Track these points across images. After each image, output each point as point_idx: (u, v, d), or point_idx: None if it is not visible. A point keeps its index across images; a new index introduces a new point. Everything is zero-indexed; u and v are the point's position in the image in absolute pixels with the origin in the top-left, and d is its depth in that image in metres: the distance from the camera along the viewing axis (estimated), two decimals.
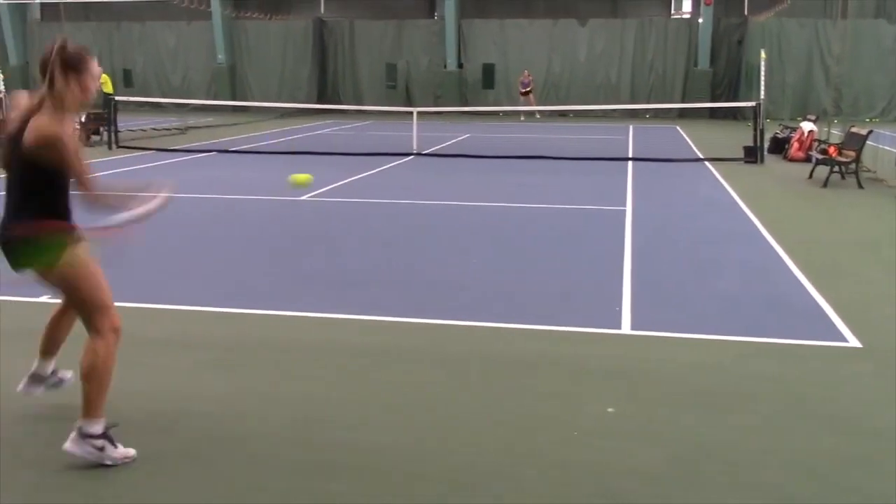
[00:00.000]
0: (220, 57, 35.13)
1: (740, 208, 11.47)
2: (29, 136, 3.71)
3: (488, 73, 34.39)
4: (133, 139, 20.85)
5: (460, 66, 34.36)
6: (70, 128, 3.82)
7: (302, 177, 6.15)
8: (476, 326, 6.17)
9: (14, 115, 3.86)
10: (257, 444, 4.20)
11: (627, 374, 5.21)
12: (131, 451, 3.96)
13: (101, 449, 3.88)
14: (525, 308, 6.70)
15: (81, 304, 3.96)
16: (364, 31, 35.41)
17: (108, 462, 3.88)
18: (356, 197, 12.46)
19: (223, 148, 19.60)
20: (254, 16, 36.17)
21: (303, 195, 12.09)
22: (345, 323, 6.27)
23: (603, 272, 7.86)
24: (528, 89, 31.17)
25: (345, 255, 8.66)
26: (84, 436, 3.87)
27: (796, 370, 5.31)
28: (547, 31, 33.85)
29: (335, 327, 6.18)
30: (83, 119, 20.49)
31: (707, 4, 31.69)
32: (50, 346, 4.47)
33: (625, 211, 11.11)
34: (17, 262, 3.91)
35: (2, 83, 21.00)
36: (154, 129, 24.13)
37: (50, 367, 4.53)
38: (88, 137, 20.22)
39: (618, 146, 20.59)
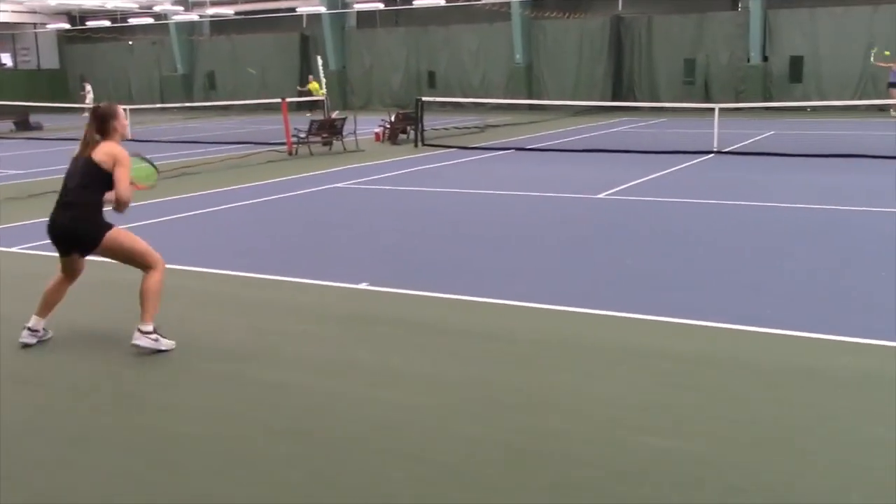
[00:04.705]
0: (518, 57, 35.97)
1: None
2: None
3: (796, 65, 32.17)
4: (437, 137, 21.90)
5: (765, 59, 32.51)
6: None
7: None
8: (789, 336, 5.77)
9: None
10: (564, 443, 4.23)
11: None
12: (172, 343, 5.68)
13: (156, 340, 5.60)
14: (845, 320, 6.17)
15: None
16: (662, 26, 34.62)
17: (163, 348, 5.59)
18: (652, 196, 12.19)
19: (520, 146, 20.04)
20: (552, 15, 36.63)
21: (600, 193, 12.02)
22: (651, 325, 6.13)
23: None
24: None
25: (642, 255, 8.48)
26: (143, 332, 5.57)
27: None
28: (866, 19, 31.05)
29: (640, 328, 6.08)
30: (393, 119, 21.92)
31: None
32: (45, 309, 5.85)
33: None
34: None
35: (324, 86, 22.98)
36: (456, 127, 25.20)
37: (42, 324, 5.87)
38: (396, 136, 21.57)
39: None
